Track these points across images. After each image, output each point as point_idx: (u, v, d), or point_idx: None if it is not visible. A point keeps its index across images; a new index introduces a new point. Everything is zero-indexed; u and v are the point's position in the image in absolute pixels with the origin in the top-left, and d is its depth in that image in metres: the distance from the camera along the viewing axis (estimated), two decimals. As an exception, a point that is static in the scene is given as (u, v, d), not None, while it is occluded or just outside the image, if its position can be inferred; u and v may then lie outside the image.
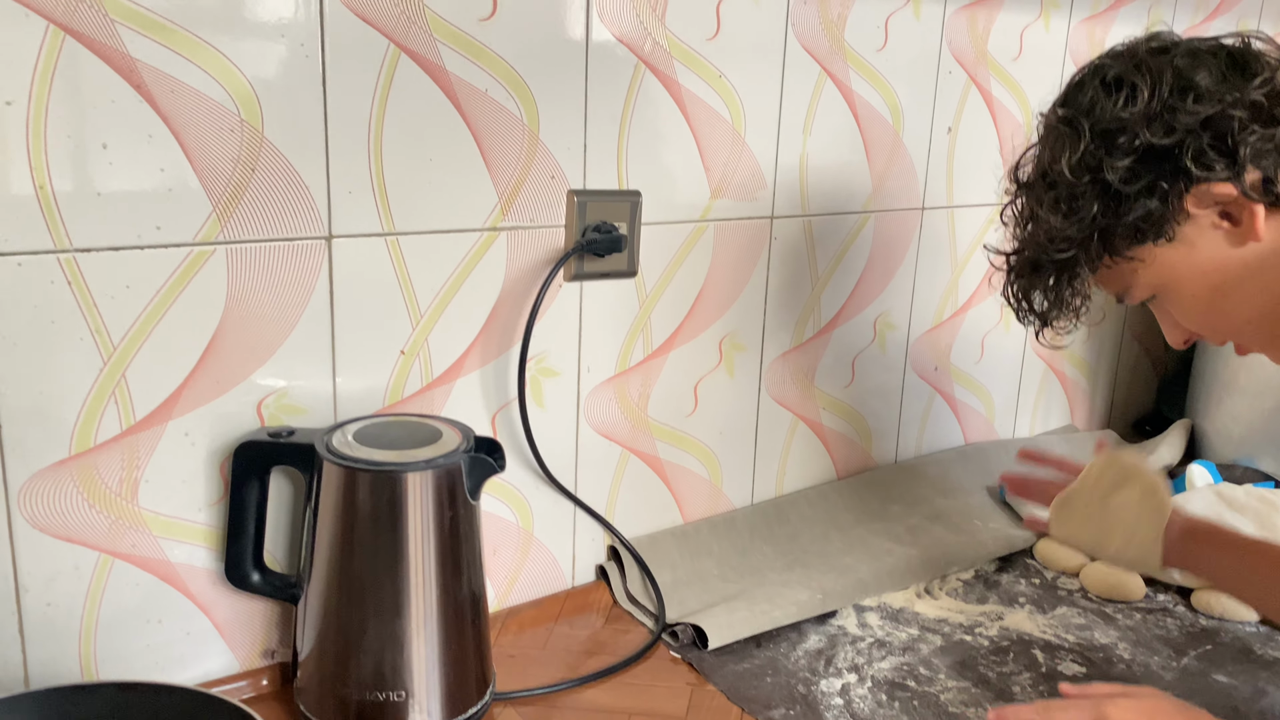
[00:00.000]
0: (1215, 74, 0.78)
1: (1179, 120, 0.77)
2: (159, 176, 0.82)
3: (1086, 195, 0.81)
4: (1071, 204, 0.81)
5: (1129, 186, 0.79)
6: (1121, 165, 0.79)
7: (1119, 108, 0.79)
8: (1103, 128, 0.80)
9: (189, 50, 0.81)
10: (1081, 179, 0.81)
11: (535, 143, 1.00)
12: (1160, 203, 0.79)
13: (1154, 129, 0.78)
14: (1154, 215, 0.79)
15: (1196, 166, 0.77)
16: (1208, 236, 0.81)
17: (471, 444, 0.89)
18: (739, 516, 1.26)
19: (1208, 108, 0.77)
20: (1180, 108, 0.77)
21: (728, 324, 1.21)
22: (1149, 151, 0.78)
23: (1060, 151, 0.82)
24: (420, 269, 0.97)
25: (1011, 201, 0.91)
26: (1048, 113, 0.87)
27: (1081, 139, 0.81)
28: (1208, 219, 0.80)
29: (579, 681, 0.99)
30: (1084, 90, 0.83)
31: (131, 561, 0.88)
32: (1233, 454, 1.49)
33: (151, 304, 0.84)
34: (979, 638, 1.10)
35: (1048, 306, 0.88)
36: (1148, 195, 0.79)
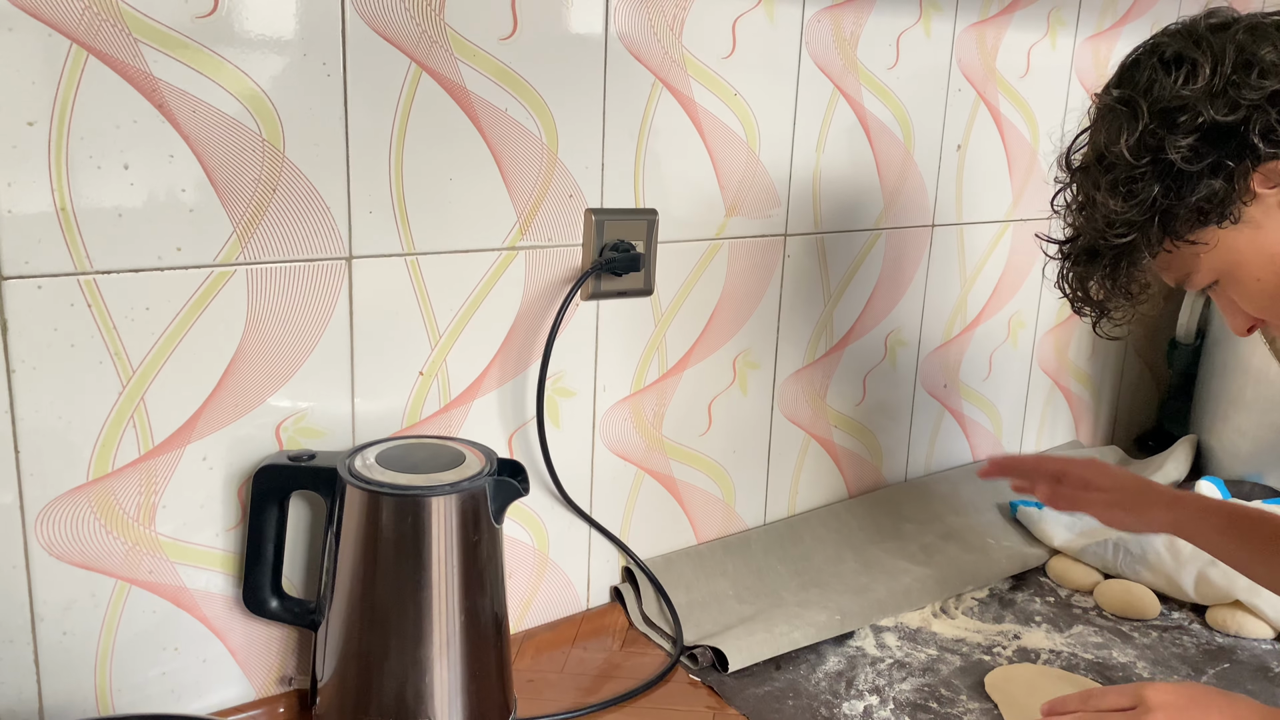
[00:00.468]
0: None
1: (1244, 96, 0.74)
2: (180, 197, 0.81)
3: (1147, 177, 0.77)
4: (1131, 186, 0.78)
5: (1192, 166, 0.75)
6: (1184, 144, 0.75)
7: (1179, 85, 0.76)
8: (1162, 106, 0.76)
9: (211, 69, 0.80)
10: (1141, 160, 0.77)
11: (554, 161, 0.99)
12: (1225, 182, 0.75)
13: (1218, 105, 0.74)
14: (1218, 195, 0.76)
15: (1265, 143, 0.74)
16: (1274, 217, 0.77)
17: (495, 466, 0.88)
18: (753, 536, 1.26)
19: (1274, 82, 0.73)
20: (1245, 83, 0.74)
21: (741, 342, 1.20)
22: (1213, 129, 0.75)
23: (1118, 132, 0.78)
24: (439, 289, 0.96)
25: (1064, 188, 0.87)
26: (1100, 94, 0.84)
27: (1140, 119, 0.77)
28: (1274, 199, 0.77)
29: (600, 706, 0.98)
30: (1140, 69, 0.80)
31: (148, 588, 0.86)
32: (1240, 470, 1.49)
33: (171, 326, 0.82)
34: (998, 658, 1.09)
35: (1105, 295, 0.85)
36: (1212, 175, 0.75)
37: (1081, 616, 1.19)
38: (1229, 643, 1.14)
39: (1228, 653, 1.12)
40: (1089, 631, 1.16)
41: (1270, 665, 1.09)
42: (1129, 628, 1.17)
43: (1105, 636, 1.14)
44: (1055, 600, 1.23)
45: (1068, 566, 1.27)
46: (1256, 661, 1.10)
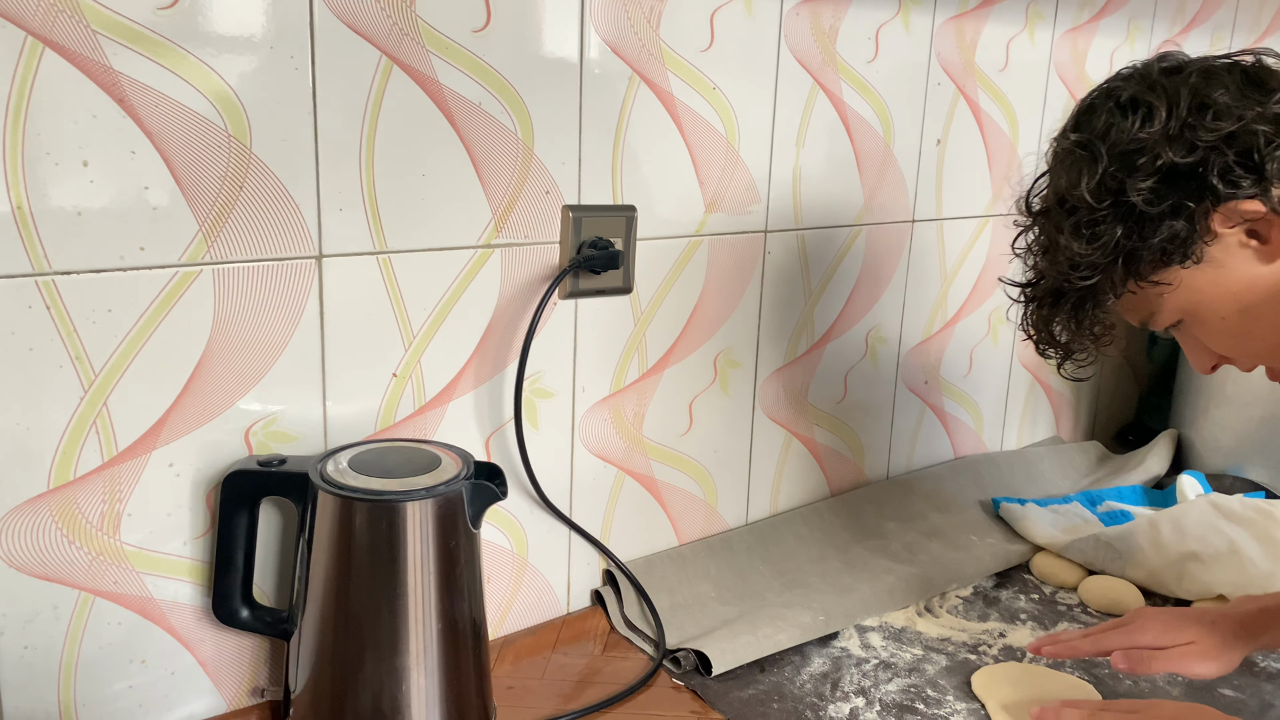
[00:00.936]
0: (1233, 90, 0.76)
1: (1200, 138, 0.75)
2: (143, 195, 0.78)
3: (1109, 219, 0.78)
4: (1094, 229, 0.79)
5: (1153, 208, 0.77)
6: (1145, 186, 0.77)
7: (1136, 129, 0.77)
8: (1121, 149, 0.78)
9: (173, 63, 0.77)
10: (1103, 202, 0.78)
11: (530, 157, 0.97)
12: (1186, 223, 0.77)
13: (1175, 148, 0.76)
14: (1180, 236, 0.77)
15: (1223, 184, 0.75)
16: (1235, 256, 0.79)
17: (472, 470, 0.86)
18: (735, 537, 1.24)
19: (1229, 124, 0.75)
20: (1200, 125, 0.76)
21: (722, 340, 1.18)
22: (1172, 171, 0.76)
23: (1078, 176, 0.80)
24: (413, 288, 0.93)
25: (1024, 231, 0.88)
26: (1057, 139, 0.85)
27: (1099, 161, 0.78)
28: (1234, 238, 0.78)
29: (582, 712, 0.96)
30: (1097, 113, 0.81)
31: (113, 599, 0.84)
32: (1221, 464, 1.49)
33: (135, 329, 0.80)
34: (984, 657, 1.08)
35: (1069, 337, 0.86)
36: (1173, 216, 0.77)
37: (1066, 613, 1.18)
38: (1214, 638, 1.13)
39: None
40: (1074, 629, 1.15)
41: (1256, 660, 1.08)
42: (1114, 624, 1.16)
43: (1090, 633, 1.14)
44: (1040, 597, 1.22)
45: (1052, 563, 1.26)
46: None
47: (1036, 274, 0.87)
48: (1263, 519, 1.21)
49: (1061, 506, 1.38)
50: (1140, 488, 1.46)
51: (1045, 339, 0.87)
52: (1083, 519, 1.35)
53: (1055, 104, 1.46)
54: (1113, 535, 1.24)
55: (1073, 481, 1.54)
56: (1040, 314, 0.86)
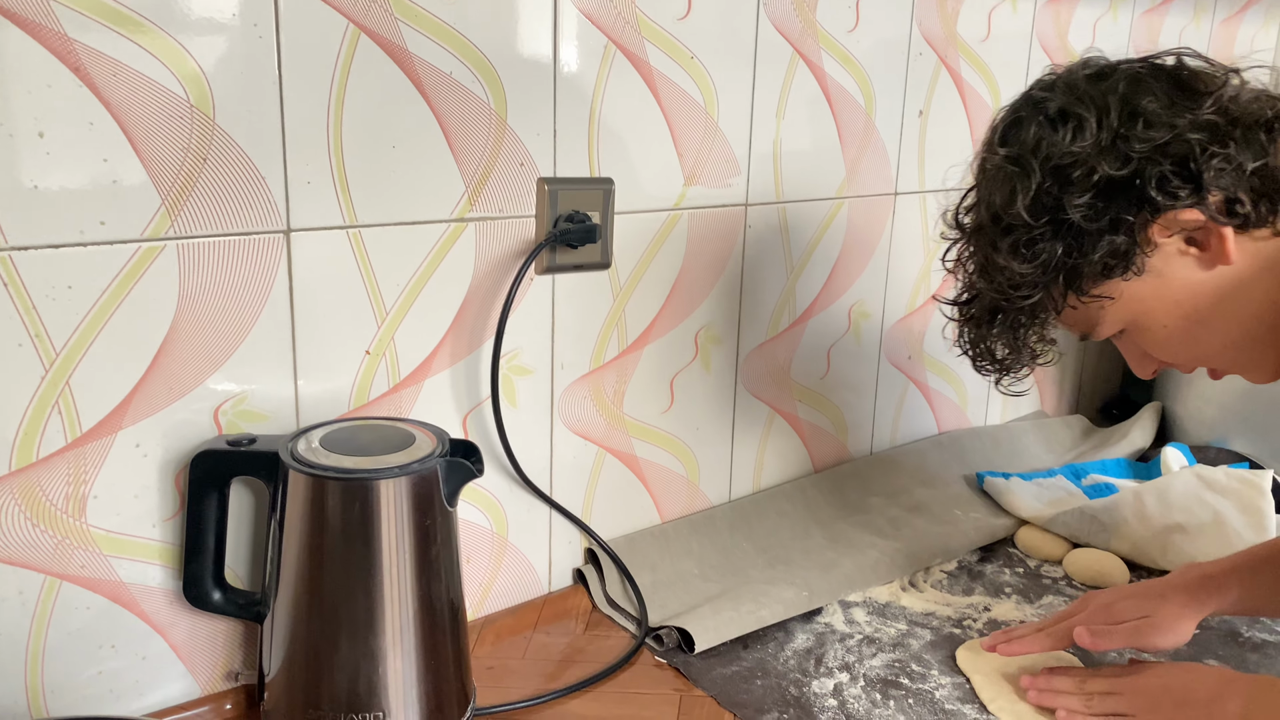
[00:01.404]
0: (1162, 98, 0.75)
1: (1134, 149, 0.74)
2: (102, 167, 0.76)
3: (1047, 236, 0.76)
4: (1032, 247, 0.77)
5: (1092, 223, 0.75)
6: (1082, 202, 0.75)
7: (1069, 142, 0.75)
8: (1054, 164, 0.76)
9: (131, 30, 0.75)
10: (1040, 220, 0.76)
11: (503, 128, 0.95)
12: (1126, 236, 0.75)
13: (1110, 160, 0.74)
14: (1120, 250, 0.76)
15: (1161, 195, 0.74)
16: (1176, 264, 0.78)
17: (447, 448, 0.84)
18: (718, 514, 1.23)
19: (1162, 133, 0.74)
20: (1133, 135, 0.74)
21: (703, 316, 1.17)
22: (1108, 184, 0.74)
23: (1012, 193, 0.77)
24: (385, 263, 0.91)
25: (956, 245, 0.86)
26: (984, 154, 0.83)
27: (1033, 177, 0.76)
28: (1174, 247, 0.77)
29: (563, 692, 0.94)
30: (1024, 126, 0.79)
31: (80, 584, 0.82)
32: (1205, 436, 1.49)
33: (97, 306, 0.78)
34: (968, 630, 1.07)
35: (1008, 354, 0.84)
36: (1112, 230, 0.75)
37: (1051, 586, 1.18)
38: (1198, 609, 1.13)
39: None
40: (1059, 601, 1.14)
41: (1240, 630, 1.08)
42: (1098, 597, 1.15)
43: (1075, 606, 1.13)
44: (1024, 571, 1.21)
45: (1036, 536, 1.25)
46: (1226, 627, 1.09)
47: (971, 291, 0.85)
48: (1246, 489, 1.20)
49: (1046, 480, 1.38)
50: (1124, 460, 1.45)
51: (983, 356, 0.86)
52: (1067, 492, 1.35)
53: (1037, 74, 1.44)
54: (1097, 508, 1.24)
55: (1057, 455, 1.53)
56: (978, 331, 0.85)
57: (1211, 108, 0.74)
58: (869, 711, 0.93)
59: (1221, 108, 0.74)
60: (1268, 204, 0.74)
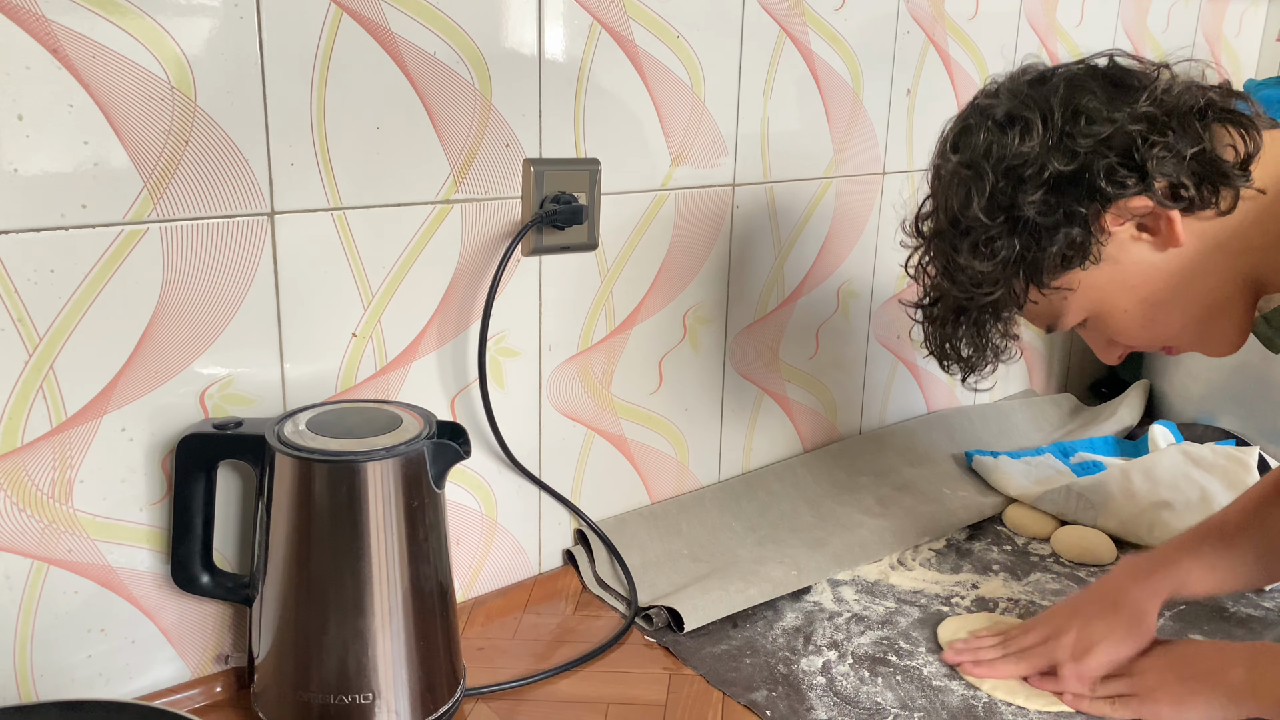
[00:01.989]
0: (1100, 95, 0.79)
1: (1079, 144, 0.77)
2: (83, 150, 0.75)
3: (1005, 234, 0.80)
4: (991, 245, 0.80)
5: (1047, 218, 0.78)
6: (1035, 199, 0.78)
7: (1018, 144, 0.79)
8: (1006, 165, 0.79)
9: (110, 11, 0.74)
10: (996, 219, 0.80)
11: (488, 109, 0.95)
12: (1080, 227, 0.79)
13: (1058, 157, 0.78)
14: (1076, 241, 0.79)
15: (1110, 185, 0.77)
16: (1130, 251, 0.81)
17: (434, 429, 0.84)
18: (707, 494, 1.23)
19: (1104, 128, 0.77)
20: (1077, 132, 0.78)
21: (691, 297, 1.17)
22: (1059, 180, 0.78)
23: (967, 196, 0.81)
24: (370, 246, 0.91)
25: (917, 251, 0.89)
26: (937, 161, 0.87)
27: (986, 180, 0.80)
28: (1126, 234, 0.80)
29: (553, 672, 0.95)
30: (973, 133, 0.82)
31: (68, 568, 0.82)
32: (1193, 413, 1.49)
33: (80, 289, 0.77)
34: (956, 608, 1.08)
35: (973, 351, 0.87)
36: (1067, 223, 0.78)
37: (1039, 564, 1.18)
38: (1184, 585, 1.14)
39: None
40: (1046, 579, 1.15)
41: (1226, 605, 1.09)
42: (1086, 573, 1.16)
43: (1063, 583, 1.14)
44: (1012, 549, 1.22)
45: (1024, 514, 1.26)
46: (1212, 602, 1.09)
47: (935, 294, 0.88)
48: (1233, 466, 1.21)
49: (1034, 458, 1.38)
50: (1112, 438, 1.46)
51: (950, 355, 0.89)
52: (1055, 470, 1.35)
53: (1026, 53, 1.44)
54: (1085, 485, 1.24)
55: (1045, 433, 1.54)
56: (943, 331, 0.88)
57: (1147, 101, 0.78)
58: (857, 689, 0.93)
59: (1156, 100, 0.78)
60: (1209, 186, 0.78)
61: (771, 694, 0.92)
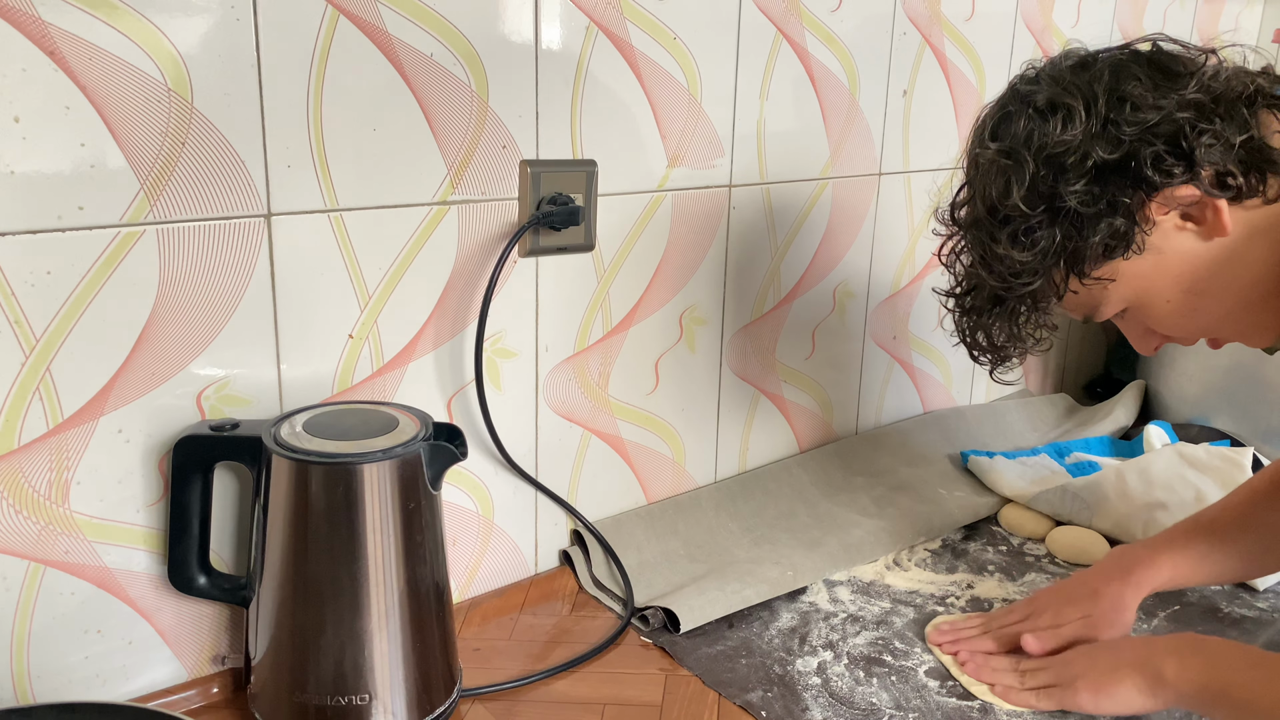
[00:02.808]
0: (1146, 81, 0.77)
1: (1124, 132, 0.76)
2: (79, 152, 0.75)
3: (1045, 224, 0.79)
4: (1031, 235, 0.79)
5: (1089, 208, 0.77)
6: (1078, 188, 0.77)
7: (1060, 131, 0.77)
8: (1048, 154, 0.78)
9: (107, 14, 0.74)
10: (1037, 209, 0.78)
11: (485, 110, 0.95)
12: (1124, 218, 0.77)
13: (1102, 145, 0.76)
14: (1120, 230, 0.78)
15: (1157, 174, 0.76)
16: (1174, 240, 0.79)
17: (430, 431, 0.84)
18: (704, 495, 1.23)
19: (1150, 115, 0.76)
20: (1122, 119, 0.76)
21: (688, 297, 1.17)
22: (1103, 169, 0.77)
23: (1007, 185, 0.79)
24: (367, 247, 0.91)
25: (950, 239, 0.88)
26: (975, 149, 0.85)
27: (1026, 169, 0.78)
28: (1171, 223, 0.79)
29: (549, 672, 0.95)
30: (1014, 120, 0.81)
31: (65, 569, 0.82)
32: (1188, 413, 1.50)
33: (76, 291, 0.77)
34: (951, 608, 1.08)
35: (1007, 340, 0.86)
36: (1110, 212, 0.77)
37: (1034, 564, 1.19)
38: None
39: (1178, 595, 1.12)
40: (1041, 579, 1.15)
41: (1220, 605, 1.09)
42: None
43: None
44: (1008, 549, 1.22)
45: (1019, 515, 1.26)
46: (1206, 603, 1.10)
47: (972, 283, 0.86)
48: (1227, 466, 1.21)
49: (1029, 459, 1.39)
50: (1108, 439, 1.46)
51: (981, 345, 0.88)
52: (1050, 470, 1.36)
53: (1022, 54, 1.45)
54: (1079, 486, 1.25)
55: (1041, 434, 1.54)
56: (979, 321, 0.87)
57: (1195, 87, 0.76)
58: (852, 689, 0.94)
59: (1204, 86, 0.77)
60: (1257, 174, 0.76)
61: (767, 694, 0.92)
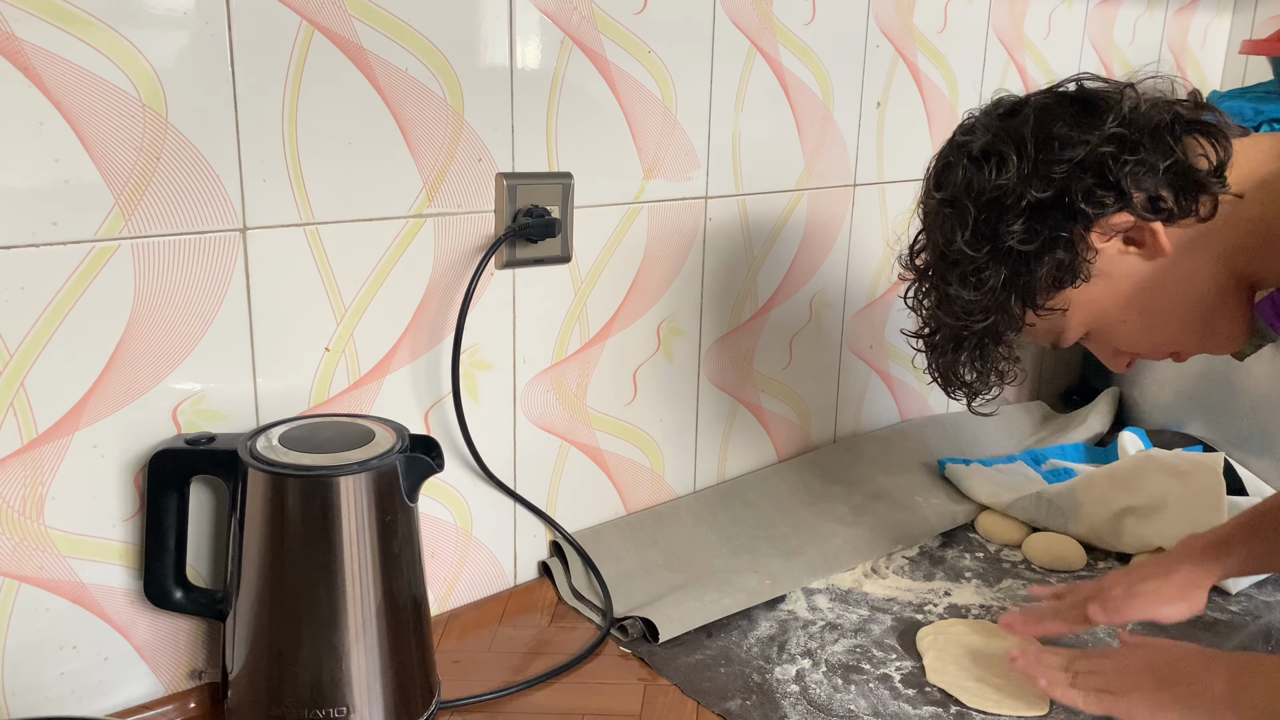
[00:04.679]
0: (1069, 121, 0.81)
1: (1054, 170, 0.80)
2: (53, 168, 0.75)
3: (991, 264, 0.83)
4: (979, 275, 0.83)
5: (1029, 245, 0.81)
6: (1017, 228, 0.81)
7: (995, 177, 0.82)
8: (986, 199, 0.82)
9: (80, 30, 0.75)
10: (981, 250, 0.83)
11: (460, 124, 0.96)
12: (1065, 250, 0.81)
13: (1034, 185, 0.80)
14: (1064, 263, 0.82)
15: (1089, 206, 0.80)
16: (1119, 264, 0.83)
17: (406, 443, 0.85)
18: (682, 505, 1.24)
19: (1076, 151, 0.80)
20: (1051, 159, 0.80)
21: (665, 308, 1.18)
22: (1037, 207, 0.80)
23: (953, 231, 0.84)
24: (343, 260, 0.92)
25: (913, 284, 0.93)
26: (923, 199, 0.91)
27: (968, 215, 0.83)
28: (1114, 248, 0.83)
29: (528, 684, 0.95)
30: (953, 170, 0.86)
31: (39, 585, 0.81)
32: (1161, 420, 1.51)
33: (51, 306, 0.77)
34: (929, 615, 1.09)
35: (975, 377, 0.90)
36: (1052, 247, 0.81)
37: (1011, 570, 1.20)
38: (1153, 590, 1.16)
39: (1152, 599, 1.13)
40: (1018, 585, 1.16)
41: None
42: (1057, 579, 1.18)
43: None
44: (985, 555, 1.23)
45: (996, 522, 1.27)
46: (1179, 607, 1.11)
47: (934, 324, 0.91)
48: (1201, 472, 1.22)
49: (1006, 466, 1.40)
50: (1083, 445, 1.48)
51: (953, 382, 0.91)
52: (1026, 478, 1.37)
53: (994, 65, 1.46)
54: (1054, 492, 1.26)
55: (1017, 441, 1.56)
56: (944, 360, 0.91)
57: (1114, 121, 0.81)
58: (830, 696, 0.94)
59: (1124, 119, 0.81)
60: (1187, 195, 0.80)
61: (745, 703, 0.93)
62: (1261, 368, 1.37)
